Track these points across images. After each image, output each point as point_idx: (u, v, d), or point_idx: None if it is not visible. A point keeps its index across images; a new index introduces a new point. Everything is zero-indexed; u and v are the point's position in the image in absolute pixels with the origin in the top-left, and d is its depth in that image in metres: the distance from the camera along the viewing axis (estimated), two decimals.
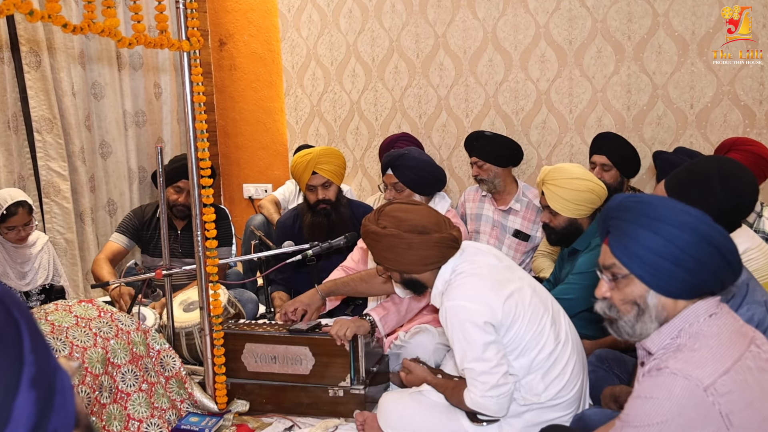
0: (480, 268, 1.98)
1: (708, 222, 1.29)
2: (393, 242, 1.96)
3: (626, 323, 1.36)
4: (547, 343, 1.97)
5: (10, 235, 3.04)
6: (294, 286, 3.26)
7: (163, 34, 2.14)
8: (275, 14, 4.56)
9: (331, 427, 2.32)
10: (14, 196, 3.02)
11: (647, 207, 1.32)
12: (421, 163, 2.77)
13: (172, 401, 2.40)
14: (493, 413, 1.95)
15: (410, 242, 1.95)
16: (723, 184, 1.88)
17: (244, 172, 4.90)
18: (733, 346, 1.25)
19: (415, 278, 2.06)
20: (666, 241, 1.28)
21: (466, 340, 1.92)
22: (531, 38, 3.87)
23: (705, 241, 1.27)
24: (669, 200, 1.34)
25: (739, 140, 2.93)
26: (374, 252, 2.07)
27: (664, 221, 1.29)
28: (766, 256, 2.35)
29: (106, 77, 4.04)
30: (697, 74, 3.55)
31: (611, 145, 3.37)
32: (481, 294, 1.93)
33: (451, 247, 2.01)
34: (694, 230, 1.27)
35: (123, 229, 3.38)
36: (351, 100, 4.43)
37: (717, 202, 1.86)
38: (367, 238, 2.05)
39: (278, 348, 2.45)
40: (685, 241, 1.27)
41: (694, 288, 1.30)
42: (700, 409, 1.18)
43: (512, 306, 1.93)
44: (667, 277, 1.29)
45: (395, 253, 1.99)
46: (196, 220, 2.33)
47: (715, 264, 1.28)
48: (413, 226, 1.97)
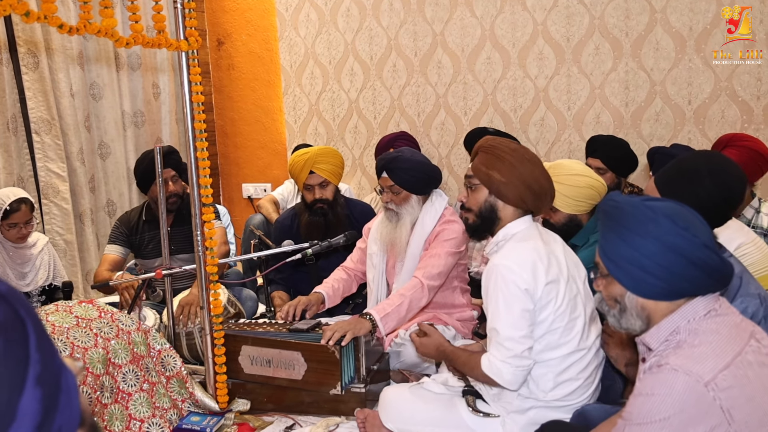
0: (541, 244, 1.97)
1: (675, 231, 1.30)
2: (522, 159, 1.99)
3: (613, 318, 1.43)
4: (570, 344, 1.95)
5: (11, 233, 3.03)
6: (293, 285, 3.27)
7: (161, 34, 2.14)
8: (273, 14, 4.56)
9: (332, 426, 2.33)
10: (16, 194, 3.03)
11: (620, 214, 1.36)
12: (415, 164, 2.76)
13: (173, 401, 2.40)
14: (505, 383, 1.91)
15: (534, 162, 1.99)
16: (712, 178, 1.91)
17: (243, 172, 4.90)
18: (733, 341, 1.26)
19: (497, 209, 2.02)
20: (632, 249, 1.32)
21: (504, 300, 1.89)
22: (529, 36, 3.87)
23: (670, 251, 1.29)
24: (640, 207, 1.35)
25: (736, 136, 2.94)
26: (482, 162, 2.05)
27: (631, 230, 1.33)
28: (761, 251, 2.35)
29: (105, 78, 4.04)
30: (695, 70, 3.56)
31: (604, 148, 3.37)
32: (531, 263, 1.91)
33: (542, 197, 2.00)
34: (658, 239, 1.30)
35: (114, 239, 3.33)
36: (349, 98, 4.43)
37: (707, 196, 1.88)
38: (484, 145, 2.05)
39: (272, 352, 2.44)
40: (649, 250, 1.31)
41: (669, 292, 1.33)
42: (701, 404, 1.18)
43: (551, 291, 1.92)
44: (639, 281, 1.34)
45: (515, 171, 1.98)
46: (196, 219, 2.33)
47: (686, 272, 1.30)
48: (532, 155, 2.03)
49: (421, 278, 2.60)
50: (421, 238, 2.77)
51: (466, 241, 2.81)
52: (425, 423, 2.11)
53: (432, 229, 2.76)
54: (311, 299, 2.75)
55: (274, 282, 3.22)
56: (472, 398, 2.08)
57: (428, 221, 2.77)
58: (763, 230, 2.91)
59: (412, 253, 2.77)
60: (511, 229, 2.02)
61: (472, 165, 2.10)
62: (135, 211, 3.42)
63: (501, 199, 2.02)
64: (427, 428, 2.10)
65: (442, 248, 2.67)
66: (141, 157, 3.36)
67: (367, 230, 2.98)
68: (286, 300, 3.14)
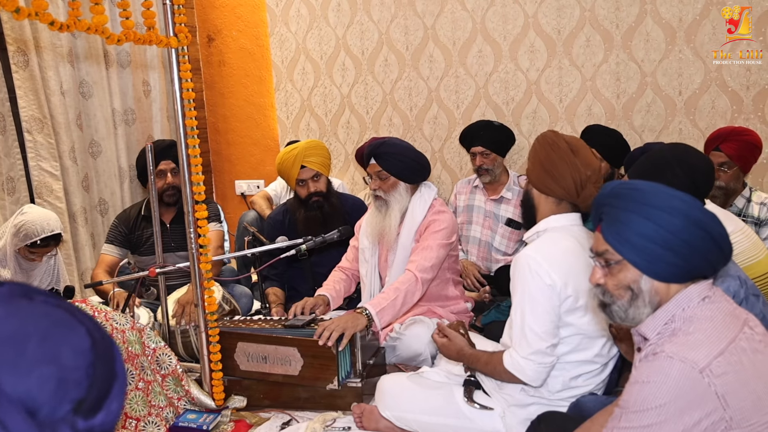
0: (578, 246, 1.92)
1: (698, 206, 1.31)
2: (547, 143, 2.00)
3: (620, 308, 1.39)
4: (590, 351, 1.94)
5: (28, 256, 3.01)
6: (288, 281, 3.27)
7: (151, 30, 2.13)
8: (263, 9, 4.54)
9: (329, 421, 2.33)
10: (52, 228, 2.94)
11: (639, 194, 1.35)
12: (403, 150, 2.76)
13: (169, 399, 2.40)
14: (528, 380, 1.88)
15: (556, 147, 1.97)
16: (680, 166, 2.00)
17: (236, 169, 4.89)
18: (726, 328, 1.27)
19: (533, 199, 2.03)
20: (657, 226, 1.30)
21: (530, 293, 1.86)
22: (520, 28, 3.87)
23: (695, 225, 1.29)
24: (660, 186, 1.35)
25: (735, 130, 2.96)
26: (531, 154, 2.07)
27: (655, 206, 1.31)
28: (750, 239, 2.38)
29: (94, 75, 4.01)
30: (685, 61, 3.57)
31: (598, 137, 3.39)
32: (560, 260, 1.87)
33: (577, 189, 1.96)
34: (685, 215, 1.30)
35: (112, 239, 3.31)
36: (341, 93, 4.42)
37: (679, 184, 1.94)
38: (536, 140, 2.07)
39: (268, 348, 2.45)
40: (675, 225, 1.29)
41: (685, 272, 1.32)
42: (696, 390, 1.19)
43: (580, 298, 1.88)
44: (659, 261, 1.32)
45: (537, 156, 2.00)
46: (189, 217, 2.32)
47: (706, 248, 1.30)
48: (572, 143, 2.00)
49: (415, 271, 2.60)
50: (411, 228, 2.77)
51: (456, 231, 2.82)
52: (423, 411, 2.11)
53: (422, 219, 2.76)
54: (317, 301, 2.75)
55: (269, 278, 3.22)
56: (470, 389, 2.09)
57: (418, 212, 2.77)
58: (754, 219, 2.93)
59: (403, 244, 2.77)
60: (552, 222, 1.99)
61: None
62: (135, 207, 3.41)
63: (534, 187, 2.02)
64: (425, 416, 2.10)
65: (434, 240, 2.67)
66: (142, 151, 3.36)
67: (359, 227, 2.98)
68: (281, 296, 3.14)
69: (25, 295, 0.76)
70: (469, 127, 3.67)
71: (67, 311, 0.77)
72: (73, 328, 0.76)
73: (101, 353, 0.77)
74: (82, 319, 0.78)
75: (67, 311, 0.77)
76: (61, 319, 0.75)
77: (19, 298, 0.75)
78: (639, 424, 1.24)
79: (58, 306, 0.77)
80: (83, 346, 0.75)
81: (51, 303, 0.77)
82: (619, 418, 1.29)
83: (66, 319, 0.76)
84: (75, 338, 0.75)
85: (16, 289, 0.77)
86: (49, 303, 0.77)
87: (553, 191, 1.98)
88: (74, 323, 0.76)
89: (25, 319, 0.73)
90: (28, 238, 2.89)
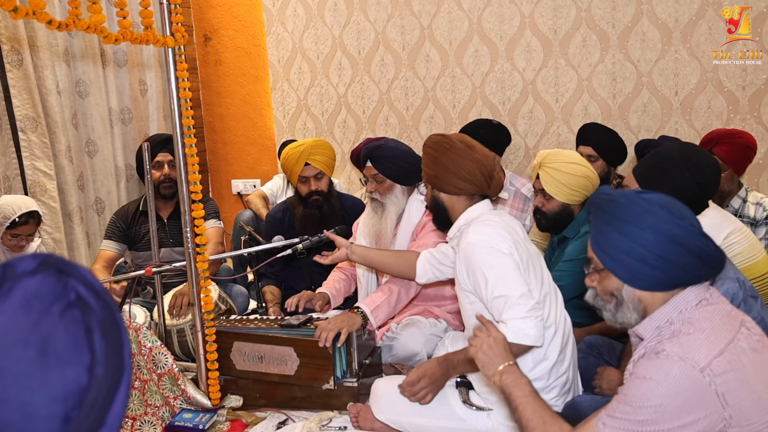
0: (505, 224, 2.04)
1: (671, 220, 1.33)
2: (443, 146, 2.09)
3: (609, 312, 1.44)
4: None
5: (11, 242, 3.01)
6: (285, 280, 3.26)
7: (148, 30, 2.13)
8: (260, 8, 4.53)
9: (325, 420, 2.33)
10: (28, 205, 2.97)
11: (615, 206, 1.38)
12: (399, 153, 2.77)
13: (165, 398, 2.40)
14: (532, 340, 1.84)
15: (455, 149, 2.07)
16: (686, 165, 2.00)
17: (233, 168, 4.88)
18: (725, 328, 1.29)
19: (444, 203, 2.14)
20: (630, 241, 1.34)
21: (493, 267, 1.92)
22: (516, 28, 3.88)
23: (668, 240, 1.32)
24: (636, 199, 1.37)
25: (728, 133, 2.97)
26: (424, 164, 2.17)
27: (628, 222, 1.34)
28: (748, 240, 2.39)
29: (91, 75, 4.00)
30: (681, 61, 3.58)
31: (596, 135, 3.40)
32: (501, 233, 1.98)
33: (486, 180, 2.09)
34: (656, 229, 1.32)
35: (110, 234, 3.33)
36: (338, 93, 4.42)
37: (684, 183, 1.97)
38: (424, 147, 2.17)
39: (264, 347, 2.44)
40: (648, 240, 1.32)
41: (666, 283, 1.35)
42: (696, 390, 1.20)
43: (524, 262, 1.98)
44: (637, 273, 1.35)
45: (439, 162, 2.08)
46: (185, 216, 2.32)
47: (683, 261, 1.32)
48: (464, 140, 2.10)
49: None
50: (408, 229, 2.77)
51: None
52: (417, 414, 2.11)
53: (419, 220, 2.77)
54: (316, 296, 2.76)
55: (265, 276, 3.21)
56: (464, 390, 2.09)
57: (414, 212, 2.77)
58: (749, 219, 2.95)
59: (400, 245, 2.77)
60: (471, 214, 2.10)
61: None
62: (133, 203, 3.43)
63: (444, 191, 2.13)
64: (419, 419, 2.11)
65: (429, 239, 2.68)
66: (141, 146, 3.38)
67: (356, 227, 2.99)
68: (278, 295, 3.14)
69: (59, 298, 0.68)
70: (467, 126, 3.67)
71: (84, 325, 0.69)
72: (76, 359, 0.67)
73: (97, 393, 0.68)
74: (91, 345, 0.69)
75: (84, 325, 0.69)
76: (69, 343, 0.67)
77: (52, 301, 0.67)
78: (635, 418, 1.25)
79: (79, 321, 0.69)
80: (71, 387, 0.67)
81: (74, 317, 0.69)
82: (617, 405, 1.30)
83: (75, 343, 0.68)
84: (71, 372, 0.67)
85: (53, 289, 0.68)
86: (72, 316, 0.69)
87: (465, 190, 2.09)
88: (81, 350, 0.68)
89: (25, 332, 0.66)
90: (6, 219, 2.91)
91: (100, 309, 0.71)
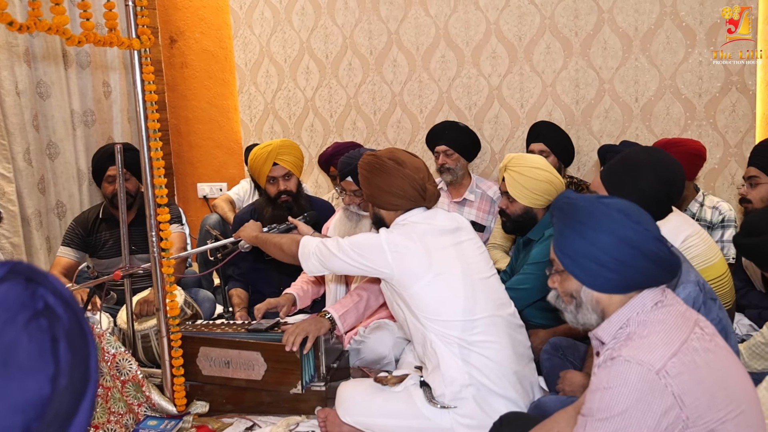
0: (424, 228, 2.14)
1: (627, 225, 1.36)
2: (374, 167, 2.19)
3: (570, 313, 1.47)
4: (456, 313, 2.08)
5: None
6: (253, 284, 3.24)
7: (112, 32, 2.10)
8: (227, 11, 4.50)
9: (292, 425, 2.33)
10: None
11: (575, 210, 1.42)
12: None
13: (129, 405, 2.36)
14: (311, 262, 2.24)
15: (385, 168, 2.16)
16: (654, 171, 2.02)
17: (198, 171, 4.83)
18: (678, 329, 1.32)
19: (385, 218, 2.26)
20: (588, 244, 1.37)
21: (364, 238, 2.16)
22: (482, 35, 3.93)
23: (624, 244, 1.35)
24: (595, 203, 1.41)
25: (669, 142, 3.03)
26: (360, 183, 2.33)
27: (586, 225, 1.38)
28: (706, 243, 2.45)
29: (52, 76, 3.92)
30: (641, 69, 3.67)
31: (547, 132, 3.52)
32: (404, 236, 2.11)
33: (420, 194, 2.18)
34: (612, 233, 1.36)
35: (69, 242, 3.24)
36: (305, 97, 4.42)
37: (650, 190, 2.00)
38: (358, 168, 2.29)
39: (231, 352, 2.42)
40: (605, 243, 1.36)
41: (622, 285, 1.39)
42: (655, 392, 1.23)
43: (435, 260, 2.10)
44: (595, 275, 1.39)
45: (372, 183, 2.20)
46: (150, 220, 2.29)
47: (639, 265, 1.36)
48: (394, 157, 2.19)
49: None
50: None
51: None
52: (382, 415, 2.12)
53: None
54: (280, 301, 2.74)
55: (232, 278, 3.18)
56: (428, 389, 2.11)
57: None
58: (706, 222, 3.03)
59: None
60: (398, 222, 2.24)
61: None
62: (93, 209, 3.35)
63: (383, 209, 2.26)
64: (385, 419, 2.12)
65: None
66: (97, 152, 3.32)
67: (326, 229, 2.98)
68: (245, 298, 3.12)
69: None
70: (435, 127, 3.73)
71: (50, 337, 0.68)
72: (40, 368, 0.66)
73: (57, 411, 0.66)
74: (55, 355, 0.67)
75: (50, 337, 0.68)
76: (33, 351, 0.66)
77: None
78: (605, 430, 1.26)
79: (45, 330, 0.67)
80: (32, 398, 0.64)
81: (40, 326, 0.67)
82: (584, 426, 1.31)
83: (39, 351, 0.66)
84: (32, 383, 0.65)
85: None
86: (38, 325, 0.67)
87: (401, 205, 2.21)
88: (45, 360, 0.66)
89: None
90: None
91: (68, 319, 0.70)
